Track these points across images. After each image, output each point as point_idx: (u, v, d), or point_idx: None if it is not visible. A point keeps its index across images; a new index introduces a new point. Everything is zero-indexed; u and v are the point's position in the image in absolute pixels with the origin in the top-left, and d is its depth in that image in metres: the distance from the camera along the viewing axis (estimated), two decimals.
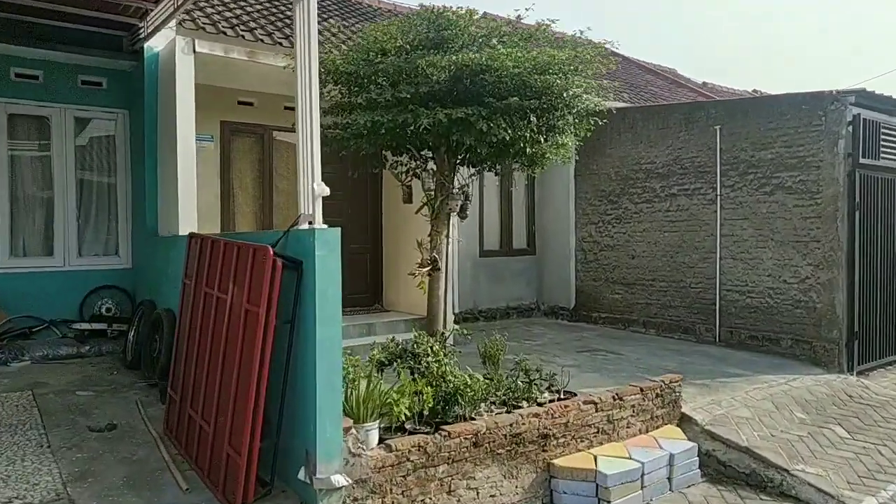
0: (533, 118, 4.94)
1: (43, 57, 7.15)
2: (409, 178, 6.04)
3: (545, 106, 4.87)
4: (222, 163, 8.44)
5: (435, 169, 5.74)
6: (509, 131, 4.74)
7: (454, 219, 6.05)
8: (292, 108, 9.47)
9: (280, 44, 7.38)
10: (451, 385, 4.60)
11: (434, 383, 4.61)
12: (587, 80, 5.12)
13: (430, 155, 6.00)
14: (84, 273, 7.60)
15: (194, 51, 6.61)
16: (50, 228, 7.51)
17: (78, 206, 7.65)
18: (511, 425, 4.57)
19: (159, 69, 7.11)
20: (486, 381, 5.08)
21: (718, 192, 8.77)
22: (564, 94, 4.90)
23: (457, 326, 5.53)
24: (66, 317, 7.42)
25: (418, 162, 6.10)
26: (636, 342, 8.86)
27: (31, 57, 7.12)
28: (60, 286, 7.43)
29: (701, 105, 9.00)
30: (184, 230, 6.51)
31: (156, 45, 7.05)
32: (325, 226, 3.85)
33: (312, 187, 3.88)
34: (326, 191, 3.85)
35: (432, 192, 5.55)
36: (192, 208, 6.62)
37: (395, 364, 4.76)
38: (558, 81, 4.81)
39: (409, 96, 4.89)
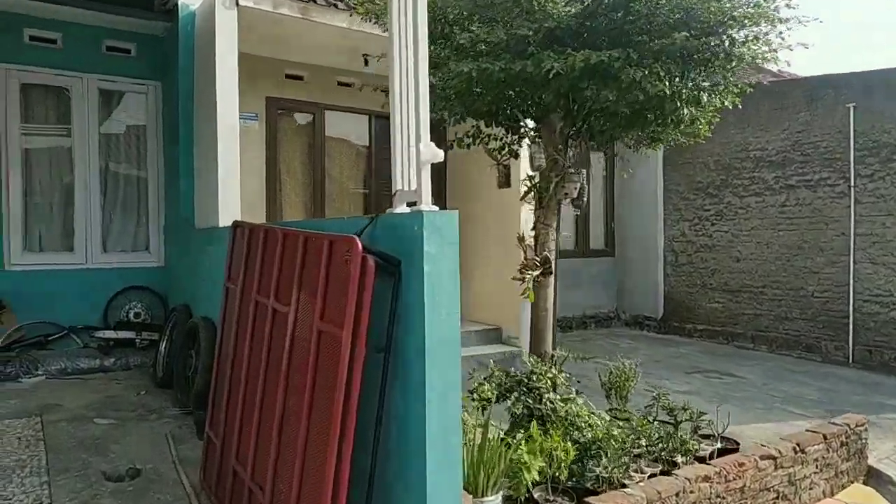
0: (694, 67, 3.62)
1: (62, 17, 6.08)
2: (505, 157, 4.76)
3: (715, 50, 3.55)
4: (268, 145, 7.29)
5: (542, 142, 4.45)
6: (666, 83, 3.43)
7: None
8: (347, 84, 8.36)
9: (335, 5, 6.19)
10: (588, 434, 3.31)
11: (563, 430, 3.34)
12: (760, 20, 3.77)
13: (532, 126, 4.72)
14: (109, 272, 6.52)
15: (237, 4, 5.45)
16: (70, 219, 6.44)
17: (102, 194, 6.57)
18: (677, 495, 3.25)
19: (196, 30, 5.98)
20: (620, 422, 3.80)
21: (852, 183, 7.30)
22: (739, 35, 3.56)
23: (562, 352, 4.25)
24: (87, 323, 6.35)
25: (515, 135, 4.83)
26: (749, 361, 7.45)
27: (49, 16, 6.05)
28: (81, 287, 6.37)
29: (828, 79, 7.56)
30: (225, 221, 5.37)
31: (191, 1, 5.93)
32: (436, 207, 2.61)
33: (417, 149, 2.63)
34: (439, 155, 2.60)
35: (542, 173, 4.26)
36: (234, 195, 5.47)
37: (508, 399, 3.50)
38: (749, 11, 3.48)
39: (530, 33, 3.62)
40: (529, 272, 4.07)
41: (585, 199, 4.39)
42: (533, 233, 4.50)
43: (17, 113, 6.07)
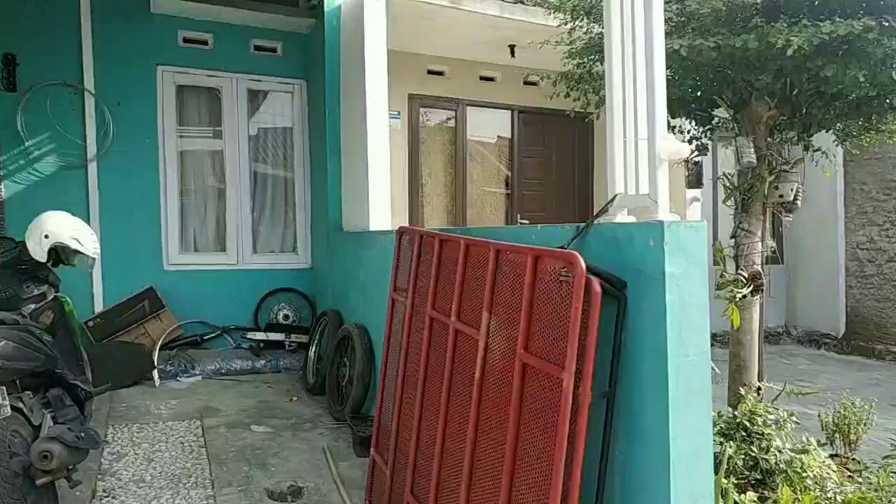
0: None
1: (213, 18, 6.13)
2: (694, 153, 4.12)
3: None
4: (410, 144, 7.05)
5: (743, 135, 3.77)
6: None
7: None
8: (489, 78, 8.05)
9: None
10: (838, 499, 2.65)
11: (801, 488, 2.70)
12: None
13: (727, 116, 4.04)
14: (259, 273, 6.55)
15: None
16: (222, 220, 6.53)
17: (252, 195, 6.61)
18: None
19: (342, 26, 5.79)
20: (849, 472, 3.08)
21: None
22: None
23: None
24: (238, 323, 6.40)
25: (706, 126, 4.17)
26: None
27: (201, 18, 6.12)
28: (234, 287, 6.43)
29: None
30: (375, 224, 5.13)
31: None
32: (677, 216, 2.09)
33: (651, 144, 2.12)
34: (682, 151, 2.08)
35: (750, 171, 3.59)
36: (384, 198, 5.21)
37: (724, 448, 2.90)
38: None
39: (758, 1, 3.00)
40: (734, 289, 3.42)
41: (801, 202, 3.66)
42: (732, 241, 3.83)
43: (173, 115, 6.21)
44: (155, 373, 5.57)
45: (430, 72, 7.16)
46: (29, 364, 3.01)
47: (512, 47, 6.44)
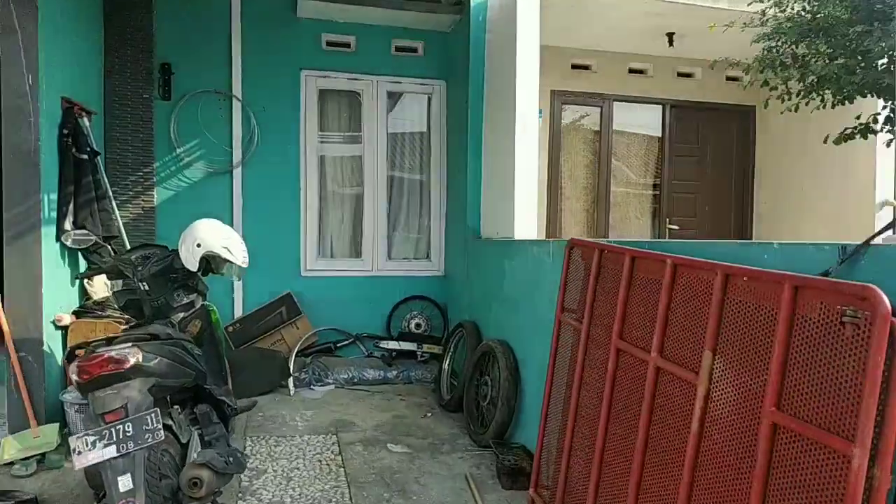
0: None
1: (356, 19, 5.99)
2: None
3: None
4: (550, 144, 6.58)
5: None
6: None
7: None
8: (639, 72, 7.37)
9: None
10: None
11: None
12: None
13: None
14: (393, 280, 6.34)
15: None
16: (359, 227, 6.39)
17: (388, 200, 6.42)
18: None
19: (489, 21, 5.44)
20: None
21: None
22: None
23: None
24: (370, 331, 6.23)
25: None
26: None
27: (344, 20, 6.00)
28: (367, 294, 6.26)
29: None
30: (521, 232, 4.72)
31: None
32: None
33: None
34: None
35: None
36: (531, 204, 4.80)
37: None
38: None
39: None
40: None
41: None
42: None
43: (315, 119, 6.14)
44: (290, 381, 5.49)
45: (574, 66, 6.66)
46: (181, 381, 2.88)
47: (670, 35, 5.79)
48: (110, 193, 4.87)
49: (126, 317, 4.69)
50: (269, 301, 5.91)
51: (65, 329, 4.50)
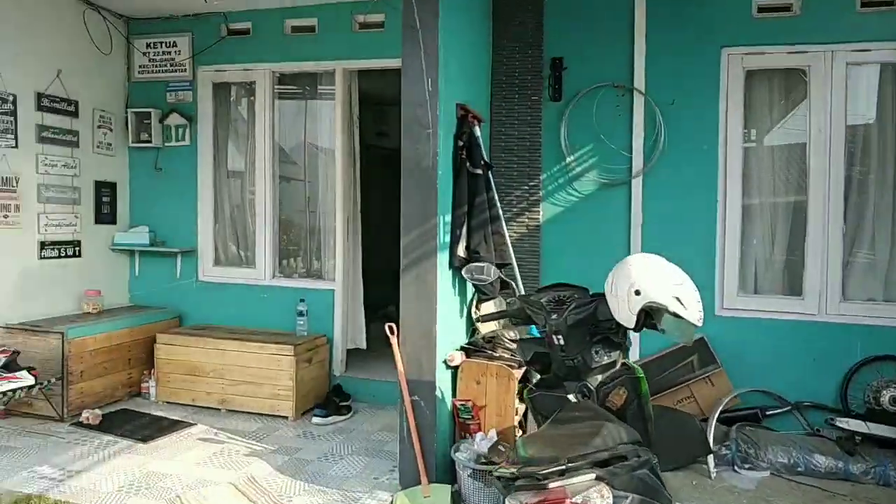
0: None
1: None
2: None
3: None
4: None
5: None
6: None
7: None
8: None
9: None
10: None
11: None
12: None
13: None
14: (849, 329, 4.46)
15: None
16: (797, 251, 4.67)
17: (843, 214, 4.56)
18: None
19: None
20: None
21: None
22: None
23: None
24: (816, 399, 4.46)
25: None
26: None
27: None
28: (810, 346, 4.52)
29: None
30: None
31: None
32: None
33: None
34: None
35: None
36: None
37: None
38: None
39: None
40: None
41: None
42: None
43: (739, 110, 4.66)
44: (710, 458, 4.10)
45: None
46: None
47: None
48: (501, 213, 4.20)
49: (519, 359, 3.95)
50: (674, 345, 4.62)
51: (454, 369, 3.93)
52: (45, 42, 4.98)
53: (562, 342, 2.82)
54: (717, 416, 4.29)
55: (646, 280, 2.50)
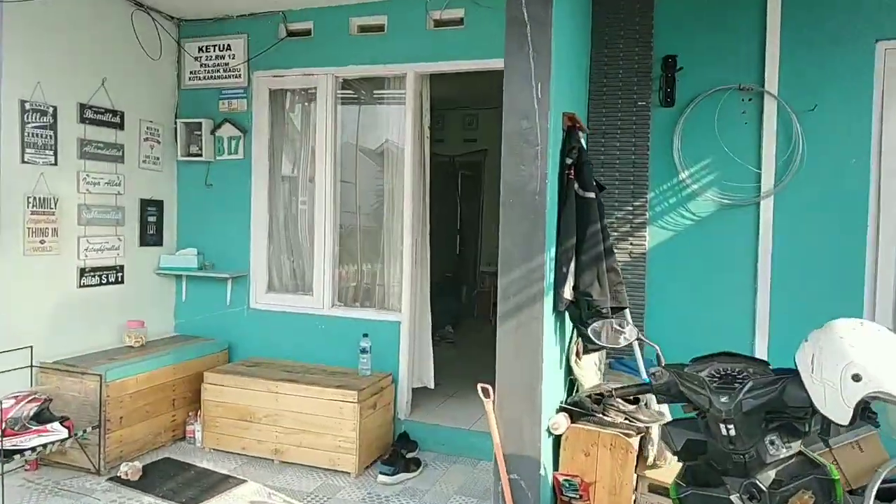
0: None
1: None
2: None
3: None
4: None
5: None
6: None
7: None
8: None
9: None
10: None
11: None
12: None
13: None
14: None
15: None
16: None
17: None
18: None
19: None
20: None
21: None
22: None
23: None
24: None
25: None
26: None
27: None
28: None
29: None
30: None
31: None
32: None
33: None
34: None
35: None
36: None
37: None
38: None
39: None
40: None
41: None
42: None
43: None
44: None
45: None
46: None
47: None
48: (613, 245, 3.48)
49: (636, 426, 3.22)
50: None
51: (556, 437, 3.22)
52: (88, 47, 4.50)
53: (732, 433, 2.10)
54: (875, 487, 3.46)
55: (869, 361, 1.77)
